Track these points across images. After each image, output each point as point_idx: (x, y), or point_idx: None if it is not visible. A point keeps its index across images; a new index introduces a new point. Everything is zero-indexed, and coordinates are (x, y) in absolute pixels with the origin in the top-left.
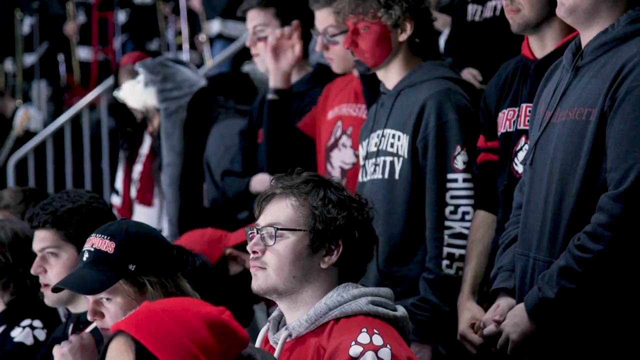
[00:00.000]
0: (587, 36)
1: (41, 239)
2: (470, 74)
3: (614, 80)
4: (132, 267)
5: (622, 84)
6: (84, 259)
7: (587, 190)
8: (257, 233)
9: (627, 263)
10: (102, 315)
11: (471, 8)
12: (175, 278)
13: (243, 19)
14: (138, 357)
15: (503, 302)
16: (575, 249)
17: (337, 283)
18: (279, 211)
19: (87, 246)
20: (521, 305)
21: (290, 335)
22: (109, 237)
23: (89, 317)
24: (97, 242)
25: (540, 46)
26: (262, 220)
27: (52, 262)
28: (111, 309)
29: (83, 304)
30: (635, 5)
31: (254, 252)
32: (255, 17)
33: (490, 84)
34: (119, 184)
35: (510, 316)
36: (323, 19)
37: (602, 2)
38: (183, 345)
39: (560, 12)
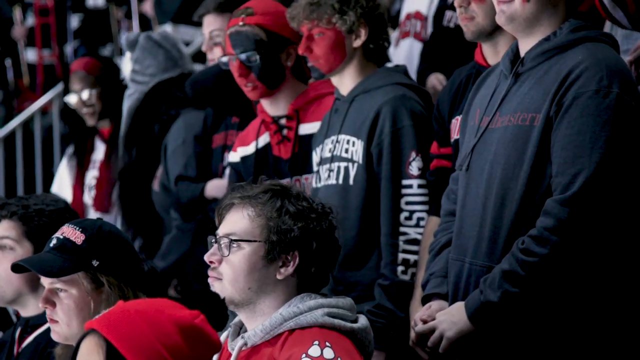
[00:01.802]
0: (526, 43)
1: (4, 229)
2: (436, 79)
3: (560, 86)
4: (95, 263)
5: (569, 90)
6: (51, 245)
7: (530, 195)
8: (215, 243)
9: (570, 267)
10: (53, 305)
11: (447, 14)
12: (135, 286)
13: (195, 24)
14: (108, 357)
15: (435, 304)
16: (520, 252)
17: (297, 293)
18: (236, 222)
19: (57, 234)
20: (459, 305)
21: (245, 344)
22: (80, 229)
23: (40, 304)
24: (67, 231)
25: (493, 53)
26: (220, 230)
27: (6, 254)
28: (64, 300)
29: (32, 307)
30: (573, 13)
31: (210, 262)
32: (211, 23)
33: (443, 91)
34: (56, 188)
35: (447, 314)
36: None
37: (542, 11)
38: (153, 349)
39: (500, 20)
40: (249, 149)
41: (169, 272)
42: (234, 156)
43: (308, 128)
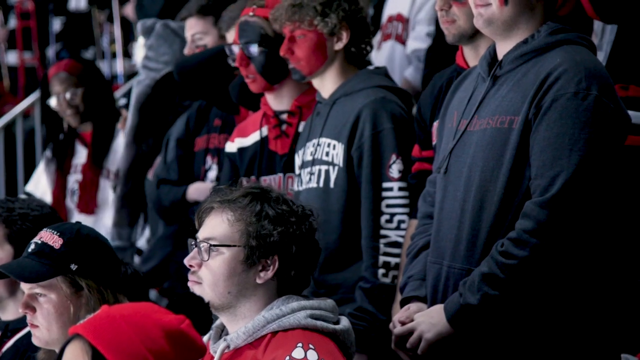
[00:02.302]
0: (504, 46)
1: None
2: None
3: (538, 88)
4: (73, 267)
5: (548, 93)
6: (29, 250)
7: (509, 198)
8: (195, 246)
9: (550, 269)
10: (33, 310)
11: None
12: (114, 289)
13: None
14: None
15: (414, 306)
16: (499, 255)
17: (277, 295)
18: (216, 226)
19: (36, 239)
20: (439, 307)
21: (228, 346)
22: (58, 234)
23: (20, 309)
24: (46, 236)
25: (474, 56)
26: (200, 234)
27: None
28: (44, 305)
29: (11, 311)
30: (551, 16)
31: (190, 265)
32: (194, 25)
33: (425, 94)
34: (30, 187)
35: (426, 316)
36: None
37: (519, 14)
38: (140, 354)
39: (478, 23)
40: (247, 141)
41: (152, 275)
42: (230, 146)
43: None
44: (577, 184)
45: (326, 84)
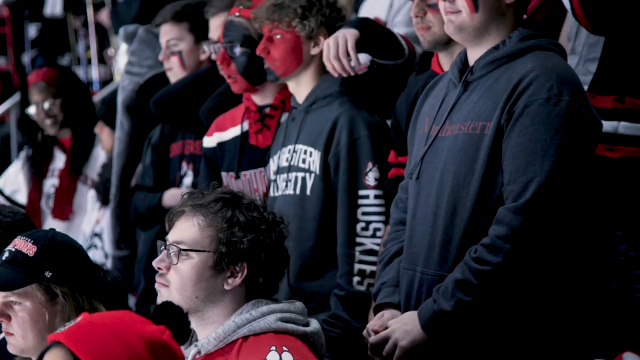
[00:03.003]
0: (475, 52)
1: None
2: None
3: (510, 94)
4: (48, 274)
5: (520, 98)
6: (3, 258)
7: (482, 204)
8: (165, 249)
9: (523, 275)
10: (8, 318)
11: None
12: (90, 296)
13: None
14: None
15: (388, 313)
16: (472, 261)
17: (245, 301)
18: (186, 230)
19: (9, 247)
20: (412, 314)
21: (199, 352)
22: (32, 241)
23: None
24: (19, 243)
25: (449, 62)
26: (170, 237)
27: None
28: (19, 313)
29: None
30: (522, 22)
31: (158, 268)
32: (168, 32)
33: (400, 100)
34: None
35: (400, 323)
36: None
37: (490, 20)
38: None
39: (449, 29)
40: (226, 135)
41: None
42: (208, 141)
43: None
44: (550, 190)
45: (301, 89)
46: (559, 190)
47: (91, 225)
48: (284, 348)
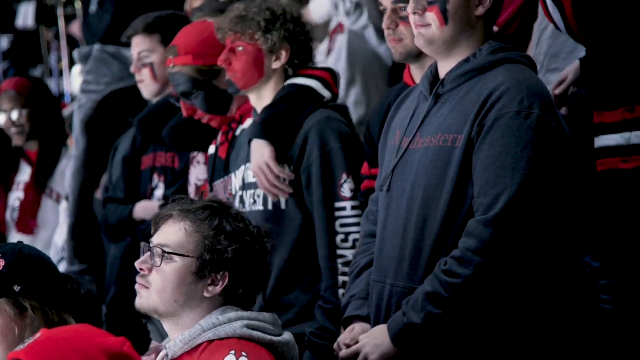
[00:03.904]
0: (446, 65)
1: None
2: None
3: (481, 107)
4: (17, 288)
5: (491, 111)
6: None
7: (452, 216)
8: (149, 250)
9: (494, 288)
10: None
11: None
12: (59, 309)
13: (123, 45)
14: None
15: (358, 327)
16: (442, 274)
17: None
18: (172, 234)
19: None
20: (382, 327)
21: (167, 354)
22: (0, 255)
23: None
24: None
25: (421, 74)
26: (155, 239)
27: None
28: None
29: None
30: (492, 35)
31: (141, 269)
32: (140, 43)
33: (373, 112)
34: None
35: (370, 337)
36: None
37: (460, 33)
38: None
39: (419, 43)
40: (212, 148)
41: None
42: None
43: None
44: (520, 202)
45: (263, 102)
46: (529, 203)
47: (63, 237)
48: (243, 353)
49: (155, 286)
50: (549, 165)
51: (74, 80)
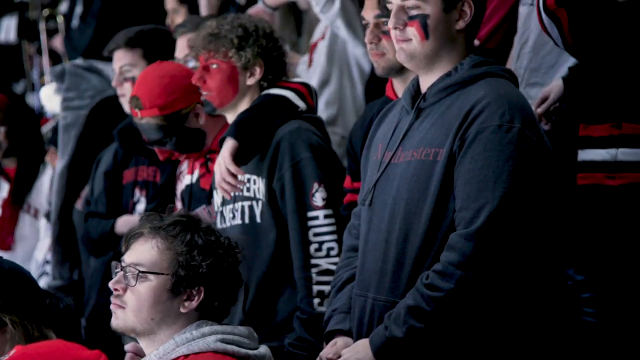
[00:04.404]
0: (427, 79)
1: None
2: None
3: (462, 121)
4: None
5: (472, 125)
6: None
7: (434, 230)
8: (121, 269)
9: (476, 301)
10: None
11: None
12: (39, 323)
13: (105, 59)
14: None
15: (340, 341)
16: (424, 287)
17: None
18: (144, 252)
19: None
20: (364, 341)
21: None
22: None
23: None
24: None
25: (403, 88)
26: (127, 258)
27: None
28: None
29: None
30: (473, 49)
31: (115, 289)
32: (122, 58)
33: (355, 126)
34: None
35: (352, 351)
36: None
37: (441, 47)
38: None
39: (400, 57)
40: (185, 180)
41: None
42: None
43: None
44: (502, 216)
45: None
46: (510, 216)
47: (43, 252)
48: None
49: (131, 306)
50: (530, 178)
51: (48, 100)
